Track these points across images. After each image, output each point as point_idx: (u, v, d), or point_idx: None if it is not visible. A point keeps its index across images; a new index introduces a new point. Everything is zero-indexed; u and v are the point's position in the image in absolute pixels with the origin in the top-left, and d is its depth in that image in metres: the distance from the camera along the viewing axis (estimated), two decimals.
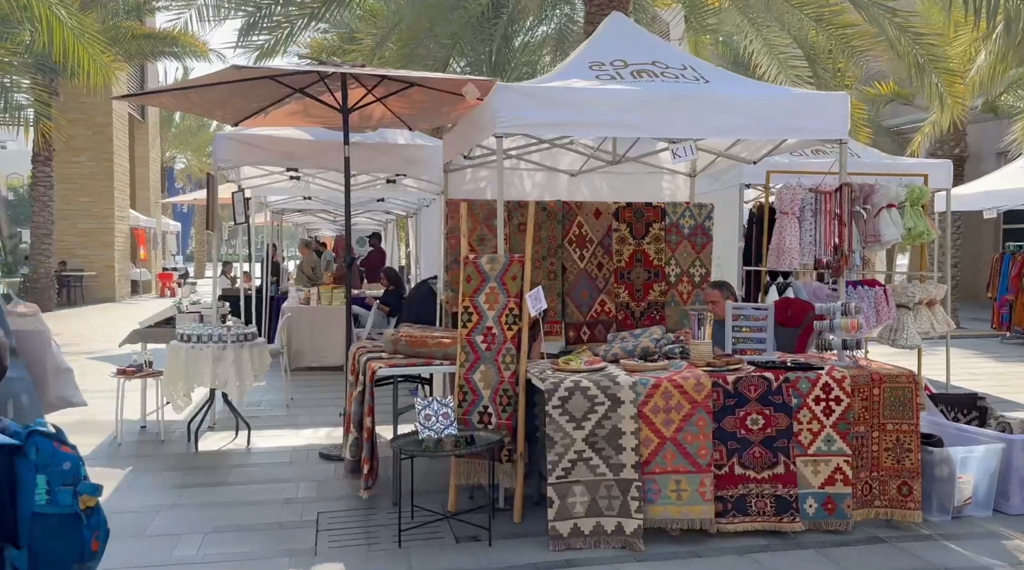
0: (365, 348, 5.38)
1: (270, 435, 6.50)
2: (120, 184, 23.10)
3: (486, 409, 4.45)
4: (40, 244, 18.62)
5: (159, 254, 29.19)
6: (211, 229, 7.09)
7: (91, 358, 11.08)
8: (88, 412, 7.59)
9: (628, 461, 3.90)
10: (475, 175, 6.73)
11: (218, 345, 5.96)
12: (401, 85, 5.86)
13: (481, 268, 4.56)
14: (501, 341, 4.43)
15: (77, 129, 21.51)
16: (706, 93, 4.75)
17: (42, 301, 18.33)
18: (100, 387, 8.65)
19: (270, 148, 6.82)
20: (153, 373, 6.32)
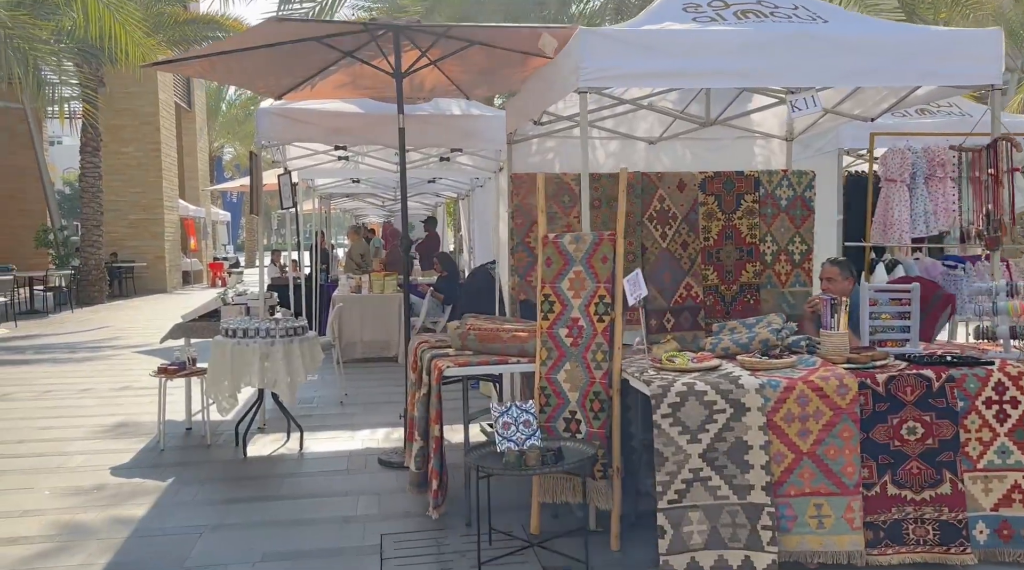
0: (428, 343, 4.74)
1: (324, 437, 5.93)
2: (168, 174, 22.95)
3: (573, 415, 3.78)
4: (90, 236, 18.50)
5: (209, 244, 29.15)
6: (255, 213, 6.52)
7: (138, 351, 10.73)
8: (131, 412, 7.20)
9: (757, 481, 3.18)
10: (541, 146, 6.01)
11: (266, 340, 5.39)
12: (459, 45, 5.17)
13: (563, 249, 3.87)
14: (590, 335, 3.74)
15: (124, 119, 21.38)
16: (831, 33, 3.96)
17: (93, 293, 18.23)
18: (145, 384, 8.21)
19: (317, 123, 6.22)
20: (197, 371, 5.80)
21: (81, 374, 8.97)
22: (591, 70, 3.73)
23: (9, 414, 6.85)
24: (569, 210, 5.73)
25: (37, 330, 13.35)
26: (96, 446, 5.77)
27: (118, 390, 7.98)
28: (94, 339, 12.08)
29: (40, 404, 7.29)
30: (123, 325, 14.03)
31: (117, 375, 8.86)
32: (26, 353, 10.70)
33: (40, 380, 8.56)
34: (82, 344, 11.53)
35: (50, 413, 6.90)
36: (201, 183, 27.98)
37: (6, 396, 7.67)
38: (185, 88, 26.34)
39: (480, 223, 11.25)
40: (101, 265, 18.72)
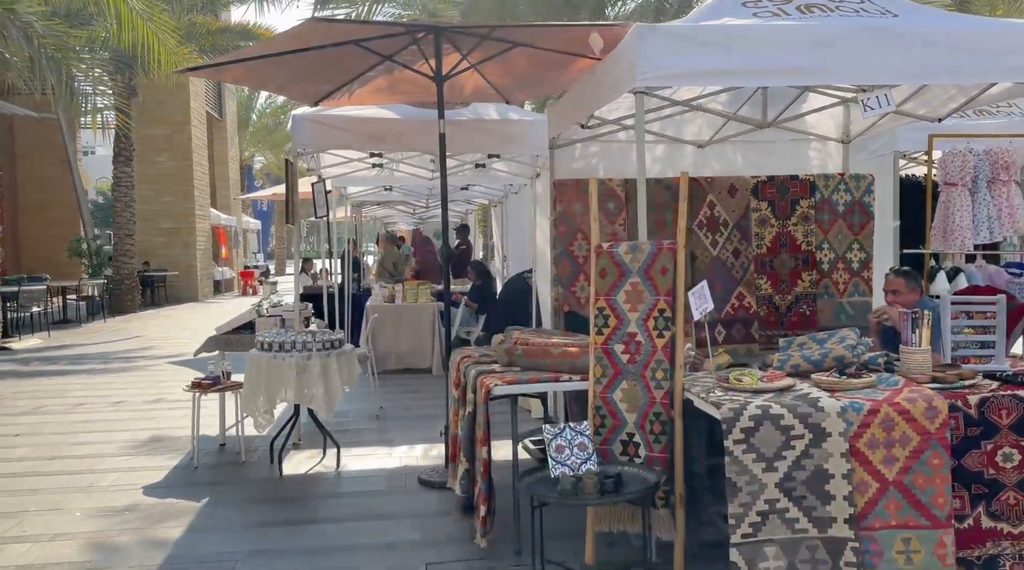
0: (472, 358, 4.52)
1: (360, 454, 5.74)
2: (200, 183, 23.06)
3: (631, 437, 3.53)
4: (123, 245, 18.59)
5: (240, 252, 29.28)
6: (291, 223, 6.37)
7: (171, 362, 10.65)
8: (165, 426, 7.07)
9: (839, 513, 2.92)
10: (585, 151, 5.79)
11: (302, 354, 5.21)
12: (501, 47, 4.96)
13: (619, 259, 3.63)
14: (648, 352, 3.50)
15: (156, 129, 21.51)
16: (905, 28, 3.69)
17: (126, 302, 18.31)
18: (178, 396, 8.09)
19: (353, 130, 6.05)
20: (231, 386, 5.64)
21: (114, 386, 8.89)
22: (648, 69, 3.50)
23: (42, 428, 6.75)
24: (615, 218, 5.50)
25: (70, 340, 13.38)
26: (129, 463, 5.63)
27: (151, 403, 7.87)
28: (127, 349, 12.05)
29: (72, 417, 7.19)
30: (155, 335, 14.02)
31: (150, 387, 8.77)
32: (59, 363, 10.68)
33: (73, 392, 8.49)
34: (115, 354, 11.49)
35: (82, 427, 6.79)
36: (232, 192, 28.12)
37: (39, 409, 7.59)
38: (216, 97, 26.51)
39: (514, 230, 11.05)
40: (134, 274, 18.80)
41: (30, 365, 10.59)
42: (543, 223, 8.30)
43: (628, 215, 5.50)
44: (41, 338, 13.51)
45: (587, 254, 5.51)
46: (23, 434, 6.53)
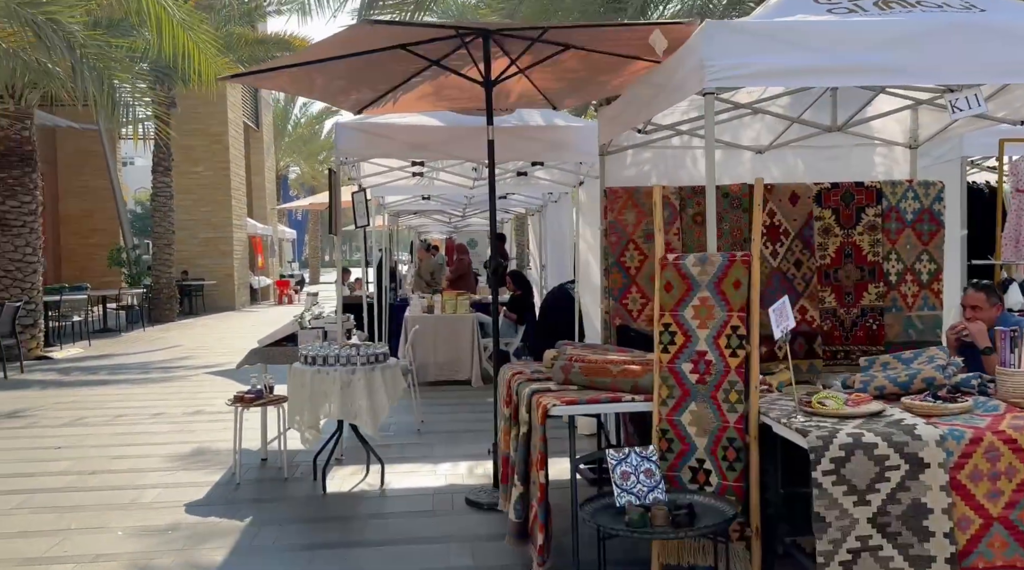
0: (523, 374, 4.33)
1: (404, 471, 5.56)
2: (237, 193, 23.22)
3: (701, 464, 3.30)
4: (161, 254, 18.74)
5: (276, 262, 29.46)
6: (334, 232, 6.24)
7: (210, 372, 10.60)
8: (205, 439, 6.97)
9: (939, 552, 2.66)
10: (637, 158, 5.58)
11: (346, 369, 5.06)
12: (553, 49, 4.78)
13: (686, 272, 3.41)
14: (720, 372, 3.27)
15: (194, 139, 21.71)
16: (993, 22, 3.43)
17: (164, 311, 18.43)
18: (218, 408, 8.01)
19: (397, 138, 5.91)
20: (274, 400, 5.51)
21: (154, 396, 8.84)
22: (719, 68, 3.28)
23: (82, 441, 6.69)
24: (668, 228, 5.27)
25: (110, 349, 13.44)
26: (170, 478, 5.51)
27: (191, 415, 7.79)
28: (166, 359, 12.06)
29: (113, 430, 7.12)
30: (194, 344, 14.04)
31: (189, 398, 8.70)
32: (100, 373, 10.69)
33: (113, 403, 8.45)
34: (154, 364, 11.50)
35: (123, 440, 6.71)
36: (269, 202, 28.32)
37: (79, 421, 7.55)
38: (253, 108, 26.74)
39: (554, 240, 10.85)
40: (172, 283, 18.94)
41: (71, 375, 10.61)
42: (587, 232, 8.10)
43: (683, 225, 5.28)
44: (82, 347, 13.60)
45: (639, 265, 5.30)
46: (64, 447, 6.47)
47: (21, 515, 4.75)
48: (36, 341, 12.23)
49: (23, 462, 5.98)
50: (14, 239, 11.91)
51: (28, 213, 12.01)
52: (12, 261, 11.91)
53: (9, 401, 8.62)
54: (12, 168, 11.88)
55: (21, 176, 11.94)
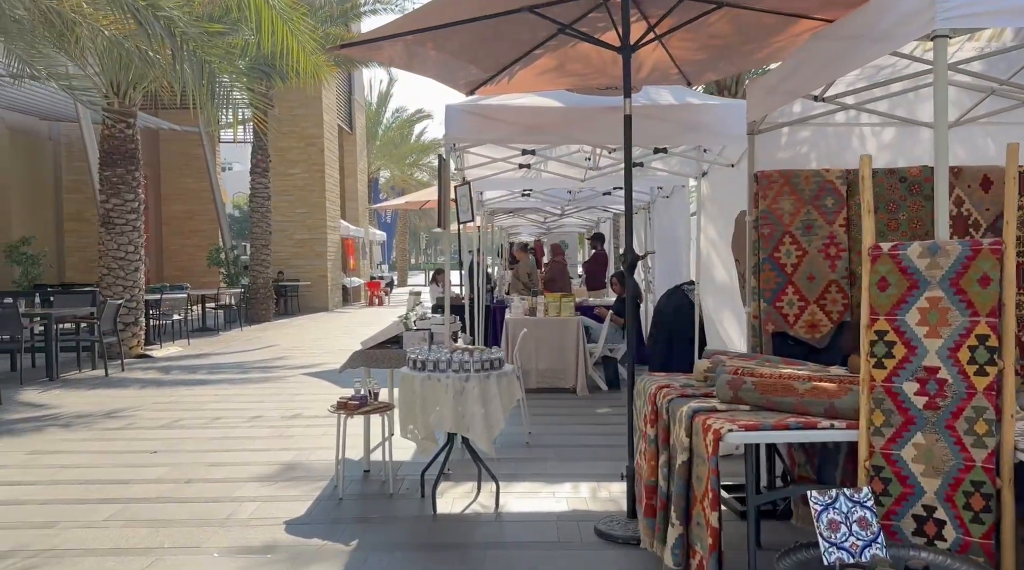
0: (671, 388, 3.67)
1: (519, 491, 4.98)
2: (331, 195, 23.32)
3: (931, 512, 2.58)
4: (259, 255, 18.87)
5: (367, 263, 29.59)
6: (442, 226, 5.73)
7: (306, 373, 10.33)
8: (305, 447, 6.54)
9: None
10: (793, 137, 4.84)
11: (459, 375, 4.52)
12: (702, 8, 4.12)
13: (908, 265, 2.69)
14: (960, 394, 2.54)
15: (290, 142, 21.91)
16: None
17: (261, 311, 18.54)
18: (316, 412, 7.65)
19: (511, 120, 5.34)
20: (380, 407, 5.02)
21: (251, 398, 8.57)
22: (954, 4, 2.56)
23: (179, 445, 6.39)
24: (833, 217, 4.53)
25: (208, 348, 13.44)
26: (268, 490, 5.09)
27: (289, 419, 7.44)
28: (262, 359, 11.90)
29: (209, 434, 6.82)
30: (290, 344, 13.91)
31: (287, 400, 8.39)
32: (198, 372, 10.57)
33: (210, 405, 8.20)
34: (251, 364, 11.34)
35: (219, 445, 6.38)
36: (360, 204, 28.46)
37: (177, 423, 7.29)
38: (347, 111, 26.91)
39: (664, 238, 10.11)
40: (269, 284, 19.05)
41: (170, 374, 10.53)
42: (709, 228, 7.36)
43: (850, 214, 4.52)
44: (181, 346, 13.65)
45: (796, 262, 4.58)
46: (160, 450, 6.18)
47: (115, 528, 4.39)
48: (137, 339, 12.28)
49: (119, 467, 5.69)
50: (117, 237, 11.98)
51: (131, 211, 12.06)
52: (115, 259, 11.99)
53: (109, 400, 8.50)
54: (116, 166, 11.96)
55: (125, 174, 12.00)
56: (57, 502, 4.86)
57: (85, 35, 8.26)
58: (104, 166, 12.02)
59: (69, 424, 7.23)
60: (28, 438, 6.67)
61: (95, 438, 6.67)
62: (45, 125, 19.61)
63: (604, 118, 5.29)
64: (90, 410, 7.91)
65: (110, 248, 11.97)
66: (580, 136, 5.51)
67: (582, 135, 5.47)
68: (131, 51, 8.53)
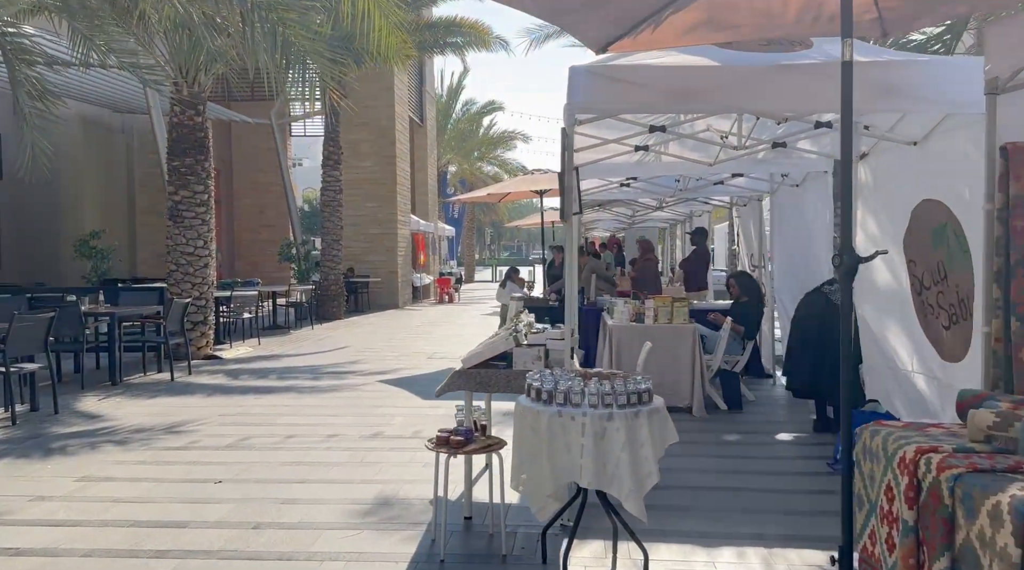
0: (944, 452, 2.53)
1: (670, 559, 3.89)
2: (402, 189, 22.58)
3: None
4: (330, 250, 18.20)
5: (436, 259, 28.84)
6: (563, 218, 4.67)
7: (382, 380, 9.43)
8: (390, 479, 5.20)
9: None
10: None
11: (600, 412, 3.45)
12: None
13: None
14: None
15: (362, 134, 21.21)
16: None
17: (332, 308, 17.86)
18: (398, 431, 6.69)
19: (652, 83, 4.25)
20: (489, 445, 4.00)
21: (325, 410, 7.70)
22: None
23: (246, 472, 5.51)
24: None
25: (278, 348, 12.73)
26: (352, 543, 4.13)
27: (369, 438, 6.51)
28: (335, 363, 11.08)
29: (281, 457, 5.93)
30: (362, 345, 13.10)
31: (364, 415, 7.48)
32: (268, 378, 9.79)
33: (282, 419, 7.35)
34: (323, 369, 10.52)
35: (292, 473, 5.48)
36: (431, 198, 27.71)
37: (244, 442, 6.44)
38: (418, 102, 26.16)
39: (789, 234, 8.85)
40: (340, 280, 18.36)
41: (239, 379, 9.78)
42: (868, 221, 6.13)
43: None
44: (251, 345, 12.98)
45: None
46: (224, 479, 5.30)
47: None
48: (206, 339, 11.63)
49: (177, 503, 4.82)
50: (186, 231, 11.33)
51: (200, 204, 11.39)
52: (184, 254, 11.34)
53: (171, 411, 7.74)
54: (185, 156, 11.30)
55: (194, 165, 11.34)
56: (101, 553, 4.00)
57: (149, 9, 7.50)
58: (172, 156, 11.38)
59: (125, 441, 6.46)
60: (80, 459, 5.90)
61: (153, 460, 5.85)
62: (118, 117, 19.37)
63: (775, 79, 4.15)
64: (150, 423, 7.15)
65: (178, 243, 11.33)
66: (738, 101, 4.36)
67: (744, 100, 4.32)
68: (197, 24, 7.73)
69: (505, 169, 36.43)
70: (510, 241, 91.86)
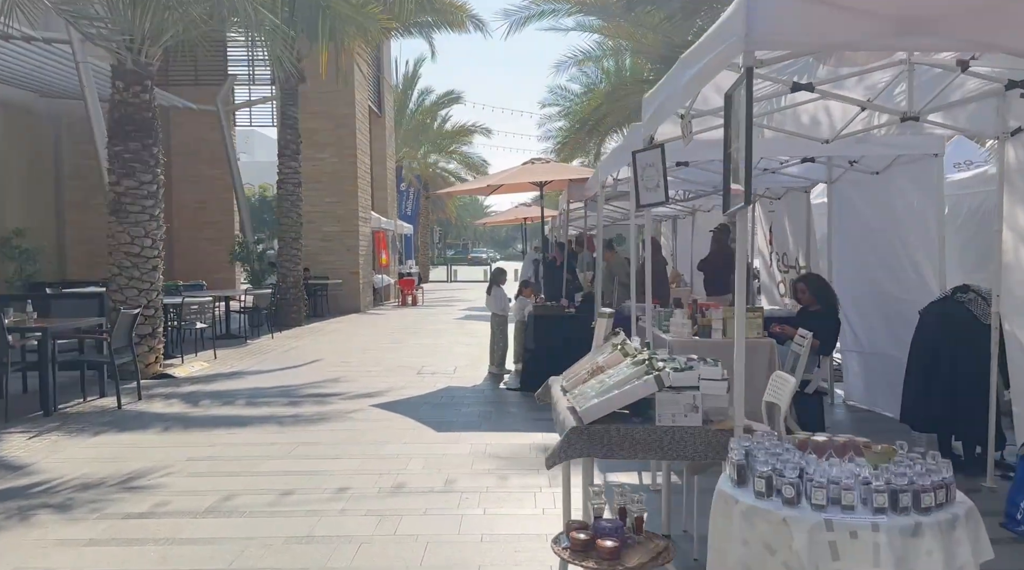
0: None
1: None
2: (363, 183, 20.90)
3: None
4: (288, 249, 16.43)
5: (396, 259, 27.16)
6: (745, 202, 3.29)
7: (377, 405, 7.90)
8: (438, 565, 3.87)
9: None
10: None
11: (902, 524, 2.10)
12: None
13: None
14: None
15: (319, 122, 19.44)
16: None
17: (291, 314, 16.10)
18: (425, 481, 5.11)
19: (874, 7, 2.91)
20: (659, 552, 2.61)
21: (321, 451, 6.18)
22: None
23: (239, 558, 3.99)
24: None
25: (239, 363, 11.04)
26: None
27: (391, 493, 5.05)
28: (312, 382, 9.49)
29: (285, 528, 4.42)
30: (336, 358, 11.49)
31: (372, 455, 6.00)
32: (236, 403, 8.18)
33: (268, 463, 5.82)
34: (301, 390, 8.94)
35: (302, 559, 3.99)
36: (390, 194, 26.03)
37: (229, 503, 4.90)
38: (376, 91, 24.47)
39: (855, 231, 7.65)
40: (300, 283, 16.62)
41: (200, 405, 8.14)
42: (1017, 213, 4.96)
43: None
44: (206, 360, 11.24)
45: None
46: None
47: None
48: (155, 354, 9.90)
49: None
50: (131, 228, 9.58)
51: (147, 196, 9.66)
52: (129, 256, 9.59)
53: (125, 452, 6.12)
54: (129, 140, 9.55)
55: (140, 150, 9.59)
56: None
57: None
58: (115, 140, 9.61)
59: (68, 505, 4.85)
60: (5, 541, 4.28)
61: (109, 538, 4.29)
62: (44, 102, 17.15)
63: None
64: (100, 473, 5.53)
65: (122, 242, 9.57)
66: (998, 35, 3.04)
67: (996, 33, 3.01)
68: None
69: (466, 164, 34.87)
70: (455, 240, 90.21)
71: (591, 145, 23.29)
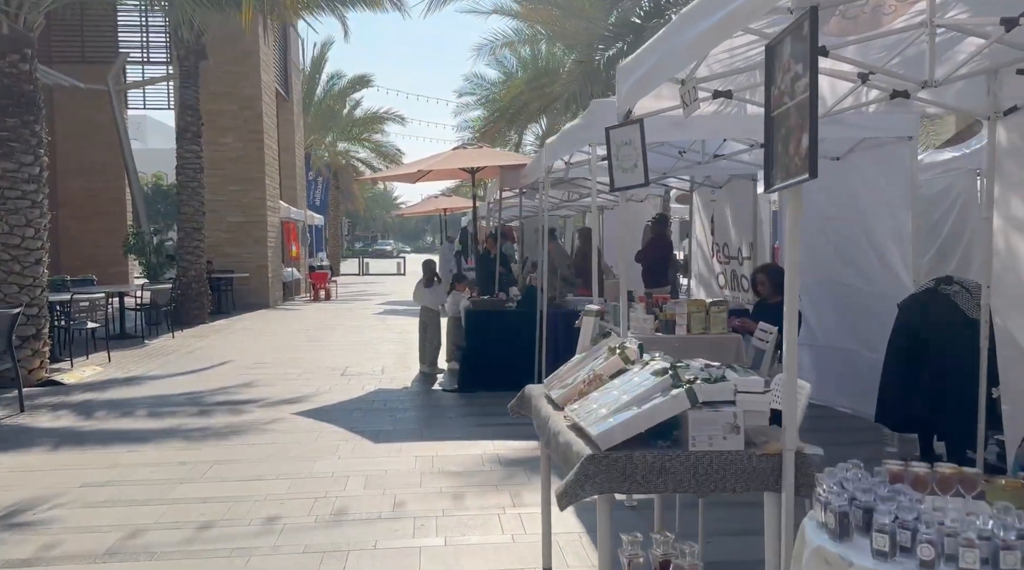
0: None
1: None
2: (271, 170, 19.67)
3: None
4: (189, 241, 15.15)
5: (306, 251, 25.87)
6: (811, 174, 2.75)
7: (301, 413, 7.08)
8: None
9: None
10: None
11: None
12: None
13: None
14: None
15: (222, 103, 18.09)
16: None
17: (193, 311, 14.86)
18: (369, 505, 4.36)
19: None
20: None
21: (241, 470, 5.37)
22: None
23: None
24: None
25: (137, 366, 9.93)
26: None
27: (328, 523, 4.33)
28: (222, 387, 8.55)
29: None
30: (247, 359, 10.51)
31: (302, 474, 5.24)
32: (136, 415, 7.21)
33: (180, 489, 4.98)
34: (210, 397, 8.00)
35: None
36: (299, 182, 24.74)
37: (135, 541, 4.08)
38: (283, 73, 23.14)
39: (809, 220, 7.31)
40: (203, 277, 15.38)
41: (95, 417, 7.13)
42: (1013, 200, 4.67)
43: None
44: (99, 363, 10.07)
45: None
46: None
47: None
48: (40, 359, 8.73)
49: None
50: (9, 216, 8.39)
51: (28, 179, 8.48)
52: (8, 248, 8.40)
53: (8, 479, 5.16)
54: (7, 116, 8.35)
55: (19, 127, 8.40)
56: None
57: None
58: None
59: None
60: None
61: None
62: None
63: None
64: None
65: (1, 232, 8.36)
66: None
67: None
68: None
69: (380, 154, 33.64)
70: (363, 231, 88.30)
71: (511, 134, 22.72)
